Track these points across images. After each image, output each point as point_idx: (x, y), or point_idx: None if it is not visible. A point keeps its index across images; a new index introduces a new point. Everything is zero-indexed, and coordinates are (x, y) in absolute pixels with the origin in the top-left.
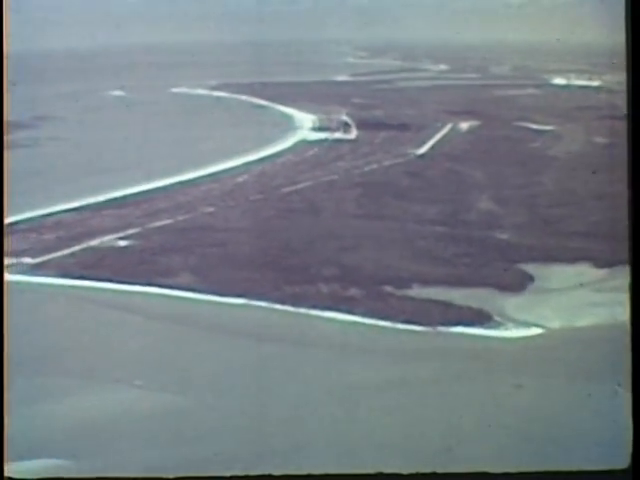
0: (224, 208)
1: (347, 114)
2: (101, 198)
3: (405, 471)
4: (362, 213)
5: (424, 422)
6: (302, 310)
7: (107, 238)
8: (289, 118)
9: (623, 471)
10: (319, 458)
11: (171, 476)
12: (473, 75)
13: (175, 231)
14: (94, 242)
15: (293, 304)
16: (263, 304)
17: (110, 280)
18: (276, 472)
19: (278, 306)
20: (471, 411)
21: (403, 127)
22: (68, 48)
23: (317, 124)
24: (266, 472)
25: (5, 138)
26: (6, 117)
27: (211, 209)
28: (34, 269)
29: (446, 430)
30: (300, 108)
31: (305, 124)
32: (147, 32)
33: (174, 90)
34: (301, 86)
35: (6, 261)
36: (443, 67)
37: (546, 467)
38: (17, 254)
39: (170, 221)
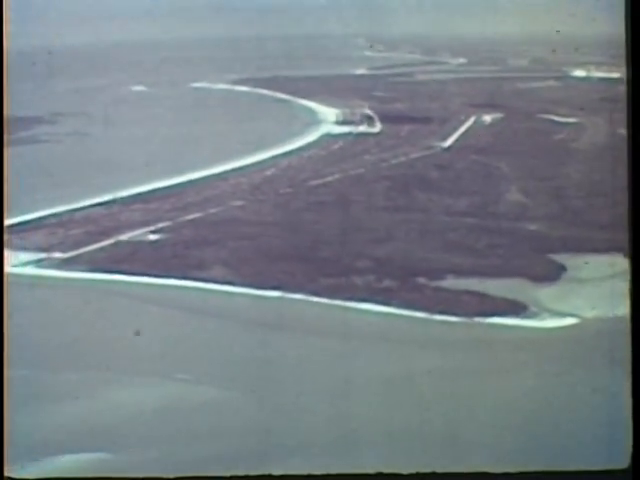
0: (254, 201)
1: (369, 107)
2: (128, 193)
3: (405, 471)
4: (392, 205)
5: (470, 411)
6: (338, 302)
7: (137, 232)
8: (312, 112)
9: (623, 471)
10: (379, 448)
11: (171, 476)
12: (492, 68)
13: (206, 224)
14: (124, 236)
15: (329, 296)
16: (299, 296)
17: (143, 274)
18: (276, 472)
19: (314, 298)
20: (516, 401)
21: (426, 120)
22: (87, 43)
23: (341, 118)
24: (266, 472)
25: (5, 138)
26: (6, 117)
27: (241, 202)
28: (65, 264)
29: (494, 420)
30: (322, 102)
31: (328, 118)
32: (166, 27)
33: (195, 85)
34: (321, 80)
35: (35, 256)
36: (462, 60)
37: (550, 466)
38: (47, 249)
39: (200, 214)
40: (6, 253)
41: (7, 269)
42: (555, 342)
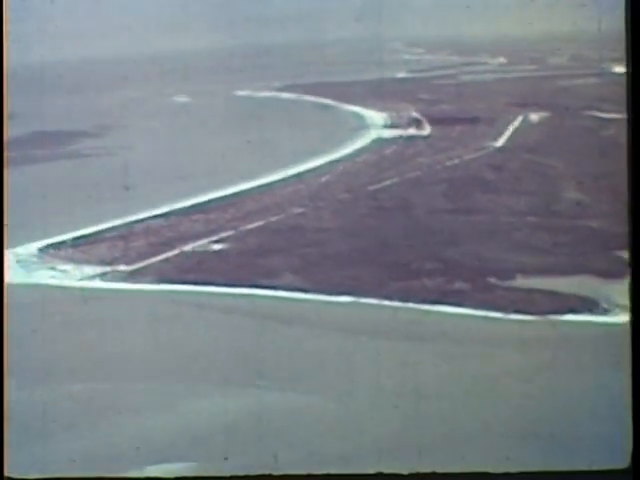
0: (314, 208)
1: (416, 110)
2: (185, 203)
3: (405, 471)
4: (453, 208)
5: (553, 409)
6: (411, 305)
7: (200, 242)
8: (359, 117)
9: (623, 471)
10: (481, 448)
11: (171, 476)
12: (533, 67)
13: (269, 232)
14: (187, 247)
15: (401, 299)
16: (371, 301)
17: (212, 283)
18: (276, 472)
19: (387, 302)
20: (600, 397)
21: (475, 121)
22: (122, 54)
23: (389, 122)
24: (266, 472)
25: (5, 139)
26: (6, 116)
27: (301, 210)
28: (131, 276)
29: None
30: (367, 106)
31: (377, 122)
32: (205, 36)
33: (239, 93)
34: (364, 84)
35: (99, 269)
36: (502, 60)
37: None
38: (110, 262)
39: (262, 223)
40: (66, 266)
41: (101, 278)
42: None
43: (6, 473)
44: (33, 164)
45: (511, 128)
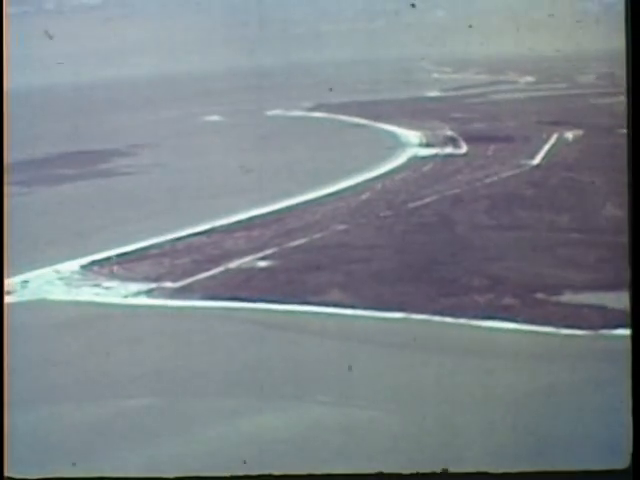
0: (356, 225)
1: (450, 129)
2: (226, 221)
3: (405, 471)
4: (496, 224)
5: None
6: (463, 321)
7: (245, 260)
8: (394, 135)
9: (623, 471)
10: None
11: (171, 476)
12: (562, 85)
13: (314, 249)
14: (233, 264)
15: (453, 315)
16: (423, 317)
17: (262, 300)
18: (276, 472)
19: (437, 318)
20: None
21: (509, 139)
22: (152, 74)
23: (424, 140)
24: (266, 472)
25: (5, 141)
26: (6, 122)
27: (344, 227)
28: (178, 293)
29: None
30: (401, 125)
31: (412, 140)
32: (234, 56)
33: (269, 113)
34: (396, 103)
35: (145, 286)
36: (529, 79)
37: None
38: (156, 279)
39: (306, 240)
40: (111, 283)
41: (147, 295)
42: None
43: (6, 473)
44: (68, 182)
45: (546, 147)
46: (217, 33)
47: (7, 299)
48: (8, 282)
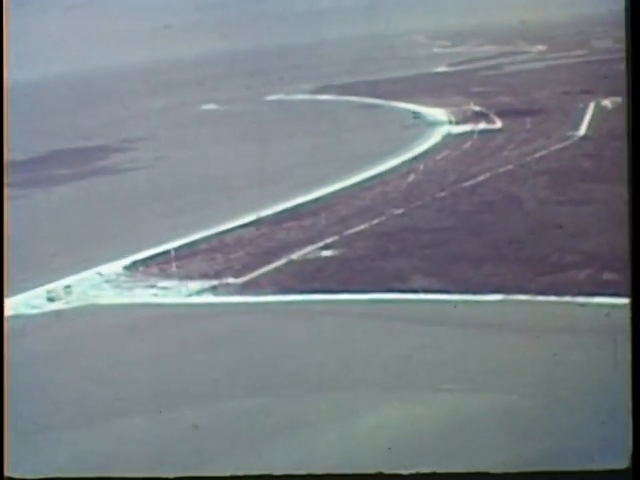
0: (414, 208)
1: (476, 104)
2: (269, 211)
3: (405, 471)
4: (565, 199)
5: None
6: (567, 298)
7: (306, 250)
8: (416, 114)
9: (623, 471)
10: None
11: (171, 476)
12: (580, 52)
13: (378, 236)
14: (294, 255)
15: (556, 294)
16: (523, 297)
17: (343, 291)
18: (276, 472)
19: (540, 297)
20: None
21: (544, 111)
22: (139, 62)
23: (453, 117)
24: (266, 472)
25: (5, 143)
26: (6, 120)
27: (400, 210)
28: (245, 288)
29: None
30: (421, 103)
31: (439, 118)
32: (226, 39)
33: (270, 98)
34: (405, 81)
35: (207, 284)
36: (541, 47)
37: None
38: (215, 275)
39: (365, 226)
40: (167, 283)
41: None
42: None
43: (6, 473)
44: (58, 185)
45: (587, 116)
46: (200, 15)
47: (51, 306)
48: (49, 287)
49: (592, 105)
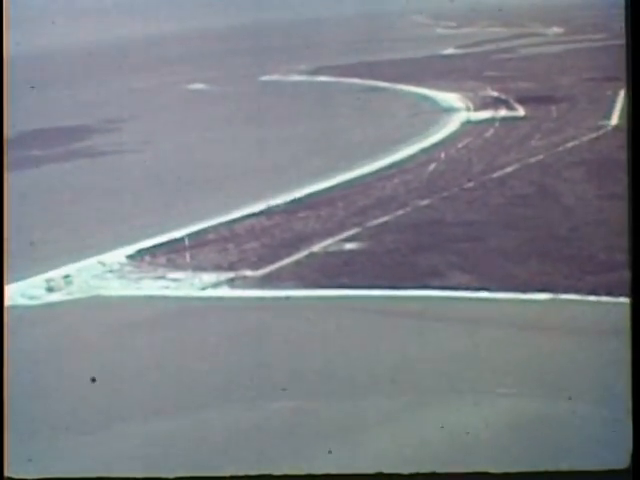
0: (440, 200)
1: (493, 89)
2: (278, 200)
3: (405, 471)
4: (605, 193)
5: None
6: (622, 299)
7: (327, 242)
8: (427, 98)
9: (623, 471)
10: None
11: (171, 476)
12: (598, 36)
13: (405, 228)
14: (315, 247)
15: (609, 294)
16: (572, 297)
17: (374, 286)
18: (276, 472)
19: (592, 297)
20: None
21: (570, 98)
22: (131, 39)
23: (470, 103)
24: (266, 472)
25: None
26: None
27: (426, 202)
28: (264, 282)
29: None
30: (428, 86)
31: (454, 104)
32: (220, 15)
33: (263, 79)
34: (410, 63)
35: (222, 276)
36: (557, 30)
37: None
38: (230, 267)
39: (388, 218)
40: (178, 274)
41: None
42: None
43: (6, 473)
44: (37, 166)
45: (617, 105)
46: None
47: (50, 297)
48: (46, 277)
49: (622, 93)
